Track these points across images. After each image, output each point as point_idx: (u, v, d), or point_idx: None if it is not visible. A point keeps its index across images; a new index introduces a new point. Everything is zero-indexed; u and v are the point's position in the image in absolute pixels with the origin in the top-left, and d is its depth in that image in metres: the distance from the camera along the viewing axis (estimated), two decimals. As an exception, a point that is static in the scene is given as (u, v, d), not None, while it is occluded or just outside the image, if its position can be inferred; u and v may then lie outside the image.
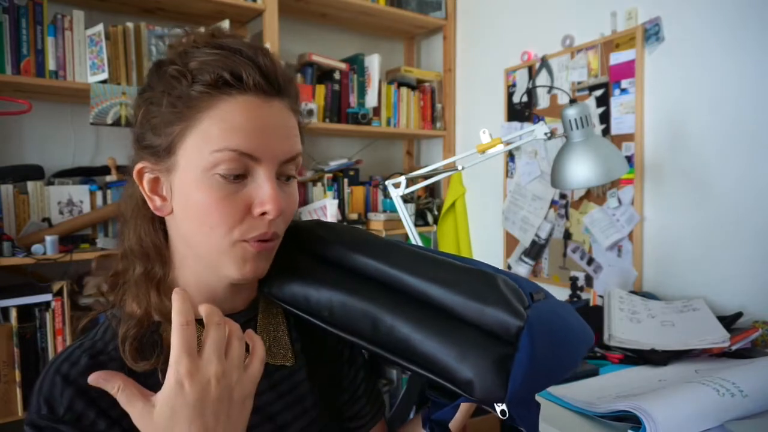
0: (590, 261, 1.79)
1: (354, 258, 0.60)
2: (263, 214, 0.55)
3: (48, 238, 1.59)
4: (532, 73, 2.02)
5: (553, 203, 1.94)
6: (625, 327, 1.24)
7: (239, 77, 0.53)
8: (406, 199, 1.94)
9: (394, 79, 2.46)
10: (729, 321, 1.24)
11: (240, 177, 0.54)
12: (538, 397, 0.56)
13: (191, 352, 0.46)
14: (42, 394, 0.53)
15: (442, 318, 0.53)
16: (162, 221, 0.61)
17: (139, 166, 0.58)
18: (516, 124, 2.10)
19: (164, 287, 0.59)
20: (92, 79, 1.69)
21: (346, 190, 2.33)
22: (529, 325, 0.49)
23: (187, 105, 0.54)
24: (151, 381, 0.54)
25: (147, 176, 0.58)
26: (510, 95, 2.13)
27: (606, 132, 1.72)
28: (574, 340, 0.55)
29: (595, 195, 1.78)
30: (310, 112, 2.09)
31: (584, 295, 1.61)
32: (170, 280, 0.61)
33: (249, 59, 0.54)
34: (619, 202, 1.69)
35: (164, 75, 0.55)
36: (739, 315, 1.28)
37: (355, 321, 0.56)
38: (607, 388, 1.01)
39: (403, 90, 2.42)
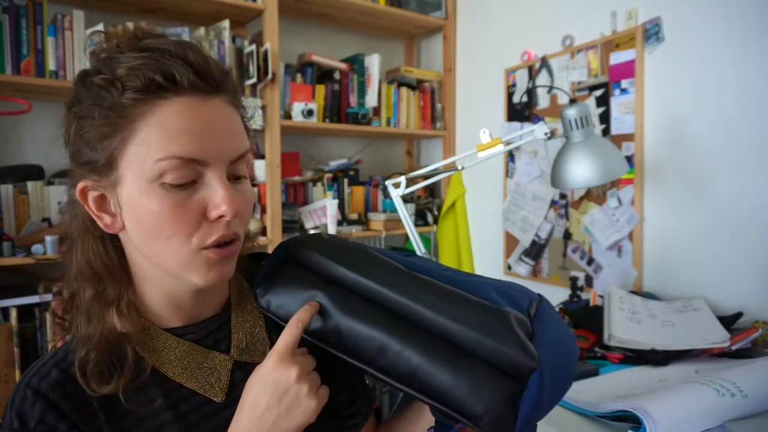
0: (590, 261, 1.79)
1: (364, 284, 0.59)
2: (220, 216, 0.53)
3: (48, 238, 1.59)
4: (532, 73, 2.03)
5: (553, 203, 1.94)
6: (625, 327, 1.24)
7: (172, 78, 0.50)
8: (406, 199, 1.94)
9: (394, 79, 2.46)
10: (729, 321, 1.24)
11: (190, 183, 0.52)
12: None
13: (292, 344, 0.56)
14: (14, 408, 0.53)
15: (453, 350, 0.54)
16: (115, 238, 0.58)
17: (81, 185, 0.55)
18: (516, 124, 2.10)
19: (122, 306, 0.57)
20: (92, 79, 1.69)
21: (346, 190, 2.33)
22: (541, 366, 0.51)
23: (120, 115, 0.51)
24: (117, 398, 0.54)
25: (91, 194, 0.55)
26: (510, 95, 2.13)
27: (606, 132, 1.72)
28: (572, 364, 0.57)
29: (595, 195, 1.78)
30: (310, 112, 2.09)
31: (584, 295, 1.61)
32: (134, 296, 0.59)
33: (179, 58, 0.51)
34: (619, 202, 1.69)
35: (91, 86, 0.52)
36: (739, 315, 1.28)
37: (362, 346, 0.57)
38: (607, 388, 1.01)
39: (403, 90, 2.42)
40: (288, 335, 0.56)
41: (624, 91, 1.67)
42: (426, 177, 1.46)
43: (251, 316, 0.65)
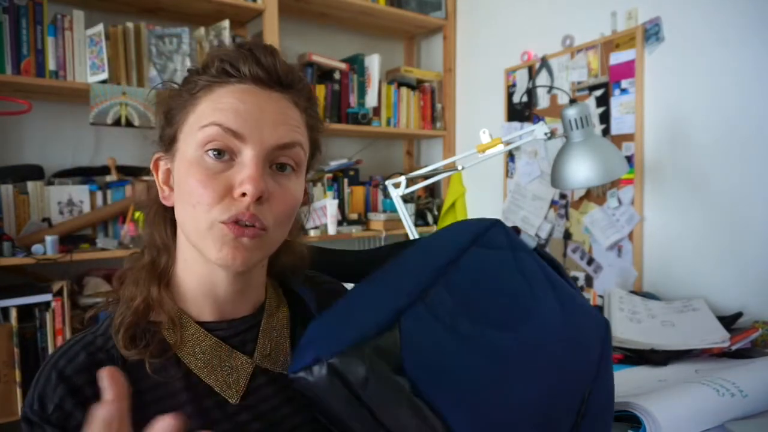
0: (590, 261, 1.79)
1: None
2: (243, 195, 0.53)
3: (48, 238, 1.59)
4: (532, 73, 2.02)
5: (553, 203, 1.94)
6: (625, 327, 1.24)
7: (237, 67, 0.56)
8: (406, 199, 1.94)
9: (394, 79, 2.46)
10: (729, 321, 1.24)
11: (227, 158, 0.54)
12: None
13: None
14: (37, 389, 0.54)
15: None
16: (173, 213, 0.61)
17: (155, 156, 0.61)
18: (516, 124, 2.10)
19: (165, 282, 0.60)
20: (92, 79, 1.69)
21: (346, 190, 2.33)
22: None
23: (191, 94, 0.57)
24: (140, 373, 0.55)
25: (162, 167, 0.61)
26: (510, 95, 2.13)
27: (606, 132, 1.72)
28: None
29: (595, 195, 1.78)
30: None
31: (584, 295, 1.61)
32: (176, 275, 0.61)
33: (251, 53, 0.57)
34: (619, 202, 1.69)
35: (185, 77, 0.60)
36: (739, 315, 1.28)
37: None
38: (607, 388, 1.01)
39: (403, 90, 2.42)
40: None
41: (624, 91, 1.67)
42: (426, 177, 1.46)
43: (280, 326, 0.65)
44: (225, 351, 0.59)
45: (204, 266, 0.59)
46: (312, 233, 2.11)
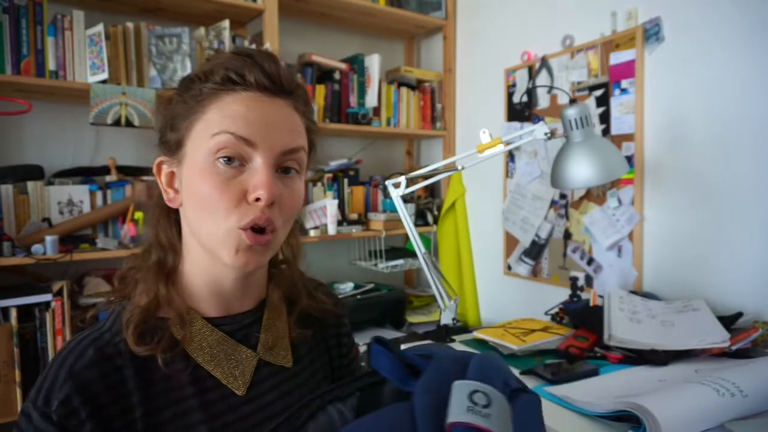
0: (590, 261, 1.79)
1: None
2: (257, 200, 0.56)
3: (48, 238, 1.59)
4: (532, 73, 2.02)
5: (553, 203, 1.94)
6: (625, 327, 1.24)
7: (243, 75, 0.58)
8: (406, 199, 1.94)
9: (394, 79, 2.46)
10: (729, 321, 1.24)
11: (238, 164, 0.57)
12: (541, 397, 0.55)
13: None
14: (45, 383, 0.55)
15: None
16: (177, 214, 0.64)
17: (158, 160, 0.63)
18: (516, 124, 2.10)
19: (174, 279, 0.63)
20: (92, 79, 1.70)
21: (346, 190, 2.33)
22: None
23: (197, 101, 0.59)
24: (147, 366, 0.58)
25: (164, 170, 0.63)
26: (510, 95, 2.13)
27: (606, 132, 1.72)
28: None
29: (595, 195, 1.78)
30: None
31: (584, 295, 1.61)
32: (181, 273, 0.63)
33: (255, 62, 0.59)
34: (619, 202, 1.69)
35: (185, 80, 0.62)
36: (739, 315, 1.28)
37: None
38: (607, 388, 1.01)
39: (403, 90, 2.42)
40: None
41: (624, 91, 1.67)
42: (426, 177, 1.46)
43: (280, 321, 0.68)
44: (231, 345, 0.62)
45: (212, 266, 0.61)
46: (312, 233, 2.11)
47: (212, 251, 0.59)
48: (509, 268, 2.14)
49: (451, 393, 0.46)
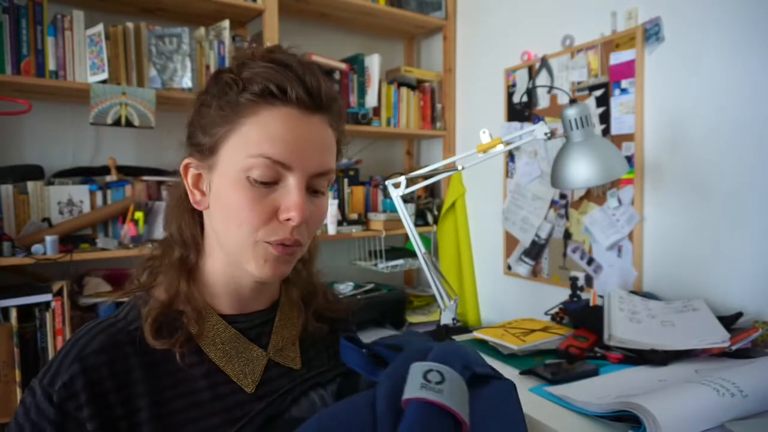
0: (590, 261, 1.79)
1: None
2: (288, 219, 0.58)
3: (48, 238, 1.59)
4: (532, 73, 2.02)
5: (553, 203, 1.93)
6: (625, 327, 1.24)
7: (284, 90, 0.57)
8: (406, 199, 1.94)
9: (394, 79, 2.46)
10: (729, 321, 1.24)
11: (271, 183, 0.58)
12: (541, 397, 0.57)
13: None
14: (54, 362, 0.56)
15: None
16: (200, 214, 0.66)
17: (186, 161, 0.63)
18: (516, 124, 2.10)
19: (194, 276, 0.64)
20: (92, 79, 1.70)
21: (346, 190, 2.33)
22: None
23: (234, 110, 0.58)
24: (159, 356, 0.59)
25: (192, 171, 0.63)
26: (510, 95, 2.13)
27: (606, 132, 1.72)
28: None
29: (595, 195, 1.78)
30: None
31: (584, 295, 1.61)
32: (201, 270, 0.65)
33: (296, 75, 0.58)
34: (619, 202, 1.69)
35: (220, 81, 0.60)
36: (739, 315, 1.28)
37: None
38: (607, 388, 1.01)
39: (403, 90, 2.42)
40: None
41: (624, 91, 1.67)
42: (426, 177, 1.46)
43: (291, 324, 0.70)
44: (243, 342, 0.64)
45: (233, 268, 0.63)
46: (312, 233, 2.10)
47: (236, 259, 0.60)
48: (509, 268, 2.14)
49: (408, 374, 0.51)
